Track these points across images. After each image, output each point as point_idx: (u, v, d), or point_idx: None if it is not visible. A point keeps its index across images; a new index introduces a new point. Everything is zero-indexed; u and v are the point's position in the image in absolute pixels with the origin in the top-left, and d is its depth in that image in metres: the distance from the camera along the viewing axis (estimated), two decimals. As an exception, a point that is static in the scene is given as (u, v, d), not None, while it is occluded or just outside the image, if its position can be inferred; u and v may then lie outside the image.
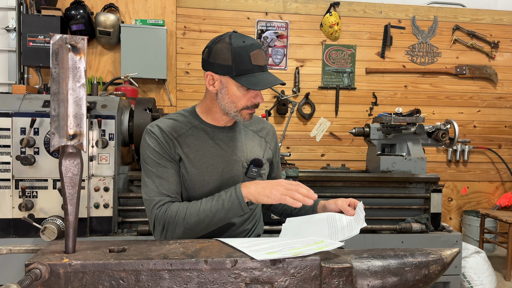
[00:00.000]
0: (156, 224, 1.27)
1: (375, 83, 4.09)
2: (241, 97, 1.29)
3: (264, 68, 1.29)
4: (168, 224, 1.24)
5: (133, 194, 2.34)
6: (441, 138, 2.73)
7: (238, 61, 1.25)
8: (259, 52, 1.27)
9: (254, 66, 1.26)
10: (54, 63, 0.87)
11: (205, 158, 1.34)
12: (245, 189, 1.22)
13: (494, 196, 4.28)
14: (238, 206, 1.21)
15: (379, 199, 2.57)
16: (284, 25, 3.95)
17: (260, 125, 1.52)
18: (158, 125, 1.35)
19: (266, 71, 1.30)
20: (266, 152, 1.48)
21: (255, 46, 1.27)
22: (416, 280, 0.98)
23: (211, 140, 1.37)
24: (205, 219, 1.22)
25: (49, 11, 3.38)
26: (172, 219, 1.24)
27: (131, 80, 3.17)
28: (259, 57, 1.26)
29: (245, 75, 1.26)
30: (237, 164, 1.37)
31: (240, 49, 1.25)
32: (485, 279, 2.93)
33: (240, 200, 1.21)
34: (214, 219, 1.23)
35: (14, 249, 0.96)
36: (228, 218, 1.24)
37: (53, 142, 0.88)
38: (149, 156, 1.31)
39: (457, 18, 4.16)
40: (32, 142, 2.16)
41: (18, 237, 2.19)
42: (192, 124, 1.37)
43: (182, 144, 1.33)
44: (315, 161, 4.00)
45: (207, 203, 1.24)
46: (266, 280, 0.89)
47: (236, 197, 1.21)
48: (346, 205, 1.26)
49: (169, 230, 1.25)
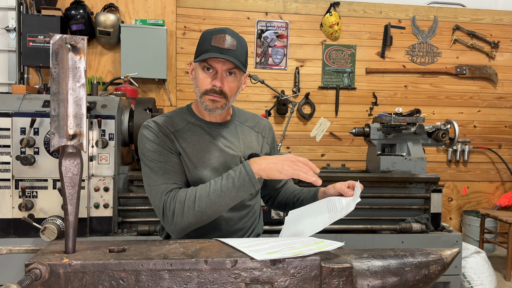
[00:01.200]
0: (166, 211, 1.23)
1: (375, 83, 4.09)
2: (201, 80, 1.29)
3: (223, 50, 1.24)
4: (178, 210, 1.21)
5: (133, 194, 2.34)
6: (441, 138, 2.72)
7: (201, 43, 1.28)
8: (224, 36, 1.25)
9: (212, 47, 1.24)
10: (54, 63, 0.87)
11: (202, 153, 1.33)
12: (256, 166, 1.19)
13: (494, 196, 4.28)
14: (249, 183, 1.18)
15: (379, 199, 2.57)
16: (284, 25, 3.95)
17: (255, 120, 1.52)
18: (154, 121, 1.35)
19: (225, 54, 1.24)
20: (264, 147, 1.49)
21: (223, 31, 1.26)
22: (416, 280, 0.98)
23: (208, 135, 1.37)
24: (216, 200, 1.20)
25: (49, 11, 3.38)
26: (182, 203, 1.21)
27: (131, 80, 3.17)
28: (220, 40, 1.24)
29: (201, 55, 1.26)
30: (234, 159, 1.37)
31: (206, 33, 1.28)
32: (485, 279, 2.93)
33: (251, 176, 1.18)
34: (225, 198, 1.20)
35: (14, 249, 0.95)
36: (240, 196, 1.21)
37: (53, 142, 0.88)
38: (149, 149, 1.30)
39: (457, 18, 4.16)
40: (32, 142, 2.16)
41: (18, 237, 2.19)
42: (188, 121, 1.38)
43: (179, 139, 1.33)
44: (315, 161, 3.99)
45: (216, 183, 1.21)
46: (266, 280, 0.89)
47: (246, 173, 1.18)
48: (345, 187, 1.26)
49: (179, 215, 1.21)
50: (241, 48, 1.29)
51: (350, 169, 3.15)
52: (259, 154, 1.41)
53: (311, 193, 1.45)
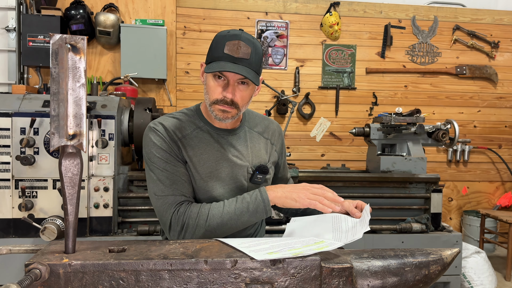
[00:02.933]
0: (174, 224, 1.21)
1: (375, 83, 4.08)
2: (213, 88, 1.23)
3: (236, 60, 1.18)
4: (187, 225, 1.20)
5: (133, 194, 2.34)
6: (441, 138, 2.72)
7: (213, 48, 1.22)
8: (238, 43, 1.18)
9: (224, 55, 1.18)
10: (54, 63, 0.86)
11: (209, 163, 1.30)
12: (272, 193, 1.20)
13: (494, 196, 4.28)
14: (263, 210, 1.19)
15: (379, 199, 2.57)
16: (284, 25, 3.95)
17: (264, 124, 1.47)
18: (162, 123, 1.30)
19: (238, 64, 1.18)
20: (272, 155, 1.45)
21: (237, 37, 1.19)
22: (416, 280, 0.98)
23: (216, 144, 1.33)
24: (228, 221, 1.20)
25: (49, 11, 3.38)
26: (193, 220, 1.20)
27: (131, 80, 3.17)
28: (234, 47, 1.18)
29: (213, 62, 1.20)
30: (241, 170, 1.34)
31: (219, 37, 1.21)
32: (485, 279, 2.93)
33: (266, 203, 1.19)
34: (238, 222, 1.20)
35: (14, 249, 0.95)
36: (251, 221, 1.22)
37: (53, 142, 0.88)
38: (156, 155, 1.25)
39: (457, 18, 4.16)
40: (32, 142, 2.16)
41: (18, 237, 2.19)
42: (196, 125, 1.33)
43: (186, 147, 1.29)
44: (315, 161, 4.00)
45: (230, 205, 1.21)
46: (266, 280, 0.89)
47: (262, 200, 1.19)
48: (352, 207, 1.23)
49: (188, 231, 1.20)
50: (256, 55, 1.22)
51: (350, 169, 3.15)
52: (266, 165, 1.38)
53: None
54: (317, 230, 1.19)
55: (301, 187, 1.19)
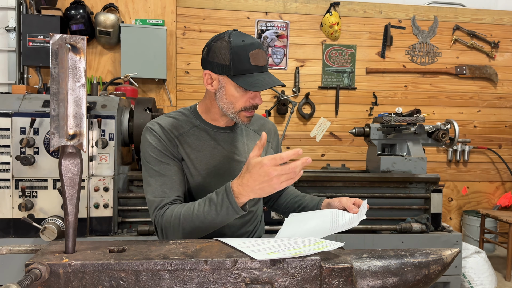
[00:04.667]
0: (157, 227, 1.25)
1: (375, 83, 4.08)
2: (239, 97, 1.26)
3: (263, 68, 1.25)
4: (165, 228, 1.21)
5: (133, 194, 2.34)
6: (441, 138, 2.72)
7: (236, 60, 1.22)
8: (259, 52, 1.24)
9: (252, 66, 1.23)
10: (54, 63, 0.86)
11: (206, 159, 1.32)
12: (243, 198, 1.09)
13: (494, 196, 4.28)
14: (233, 211, 1.12)
15: (379, 199, 2.57)
16: (284, 25, 3.95)
17: (260, 123, 1.50)
18: (158, 123, 1.32)
19: (266, 72, 1.27)
20: (268, 152, 1.47)
21: (255, 45, 1.23)
22: (416, 280, 0.98)
23: (213, 141, 1.35)
24: (200, 225, 1.16)
25: (49, 11, 3.38)
26: (168, 223, 1.20)
27: (131, 80, 3.17)
28: (258, 57, 1.23)
29: (243, 75, 1.23)
30: (239, 166, 1.35)
31: (238, 48, 1.22)
32: (485, 279, 2.93)
33: (234, 206, 1.10)
34: (210, 225, 1.16)
35: (14, 249, 0.95)
36: (225, 222, 1.16)
37: (53, 142, 0.88)
38: (151, 154, 1.28)
39: (457, 18, 4.16)
40: (32, 142, 2.16)
41: (18, 237, 2.19)
42: (193, 124, 1.36)
43: (183, 144, 1.31)
44: (315, 161, 4.00)
45: (199, 209, 1.16)
46: (266, 280, 0.89)
47: (229, 203, 1.10)
48: (350, 203, 1.25)
49: (168, 233, 1.22)
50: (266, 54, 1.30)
51: (350, 169, 3.15)
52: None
53: (314, 202, 1.42)
54: (314, 223, 1.21)
55: (269, 177, 1.04)
